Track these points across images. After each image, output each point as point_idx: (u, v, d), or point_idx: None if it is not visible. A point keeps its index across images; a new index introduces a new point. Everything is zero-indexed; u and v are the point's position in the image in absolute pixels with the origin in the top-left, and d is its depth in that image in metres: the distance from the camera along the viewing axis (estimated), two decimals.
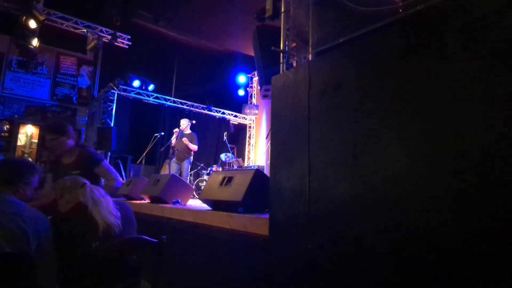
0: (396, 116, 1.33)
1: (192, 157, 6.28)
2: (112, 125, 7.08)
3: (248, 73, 10.18)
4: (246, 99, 10.18)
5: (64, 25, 7.84)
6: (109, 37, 8.02)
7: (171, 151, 6.14)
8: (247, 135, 9.96)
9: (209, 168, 6.91)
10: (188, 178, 6.06)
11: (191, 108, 8.76)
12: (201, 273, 2.59)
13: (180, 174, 6.12)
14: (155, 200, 3.68)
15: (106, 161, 2.43)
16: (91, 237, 1.51)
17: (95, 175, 2.42)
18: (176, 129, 6.29)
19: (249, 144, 9.88)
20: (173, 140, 6.23)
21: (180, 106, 8.53)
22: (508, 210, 0.98)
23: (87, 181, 1.76)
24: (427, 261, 1.16)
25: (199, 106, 8.90)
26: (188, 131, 6.31)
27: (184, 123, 6.33)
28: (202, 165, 7.04)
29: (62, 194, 1.69)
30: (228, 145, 7.86)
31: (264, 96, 4.35)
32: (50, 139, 2.31)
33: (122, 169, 6.85)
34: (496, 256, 1.00)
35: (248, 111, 9.21)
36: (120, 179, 2.41)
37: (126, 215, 1.74)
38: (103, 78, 9.16)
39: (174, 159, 6.21)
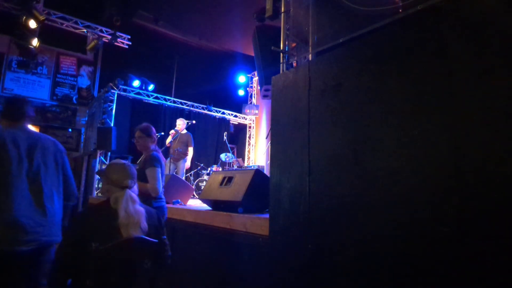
0: (396, 115, 1.33)
1: (187, 157, 6.28)
2: (112, 125, 7.07)
3: (248, 73, 10.17)
4: (246, 99, 10.17)
5: (64, 25, 7.84)
6: (109, 37, 8.02)
7: (171, 151, 6.13)
8: (247, 135, 9.95)
9: (209, 168, 6.90)
10: (184, 176, 6.05)
11: (191, 108, 8.75)
12: (201, 273, 2.59)
13: (176, 174, 6.13)
14: None
15: (160, 169, 2.64)
16: (112, 230, 1.61)
17: (146, 176, 2.61)
18: (173, 131, 6.27)
19: (249, 144, 9.88)
20: (169, 140, 6.22)
21: (180, 106, 8.52)
22: (509, 209, 0.98)
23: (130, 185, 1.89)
24: (428, 261, 1.16)
25: (199, 106, 8.89)
26: (184, 131, 6.30)
27: (180, 123, 6.32)
28: (202, 165, 7.03)
29: (108, 182, 1.83)
30: (228, 145, 7.85)
31: (264, 96, 4.35)
32: (137, 136, 2.78)
33: None
34: (496, 256, 1.00)
35: (248, 111, 9.20)
36: (161, 190, 2.64)
37: (150, 221, 1.81)
38: (103, 78, 9.16)
39: (169, 159, 6.22)
